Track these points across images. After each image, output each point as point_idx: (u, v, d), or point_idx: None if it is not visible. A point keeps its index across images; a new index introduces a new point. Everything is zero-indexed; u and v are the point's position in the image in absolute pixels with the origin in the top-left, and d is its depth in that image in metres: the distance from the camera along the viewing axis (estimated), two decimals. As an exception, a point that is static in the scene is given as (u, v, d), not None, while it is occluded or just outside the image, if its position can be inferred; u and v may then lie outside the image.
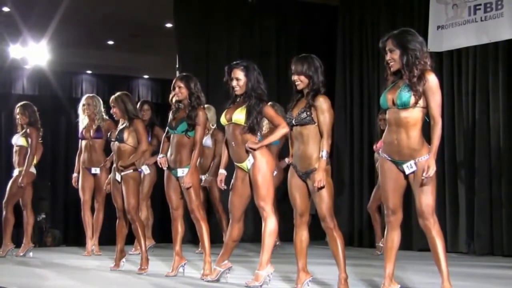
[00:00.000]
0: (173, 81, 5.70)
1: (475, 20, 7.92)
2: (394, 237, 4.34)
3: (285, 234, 8.78)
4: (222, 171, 5.21)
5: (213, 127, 7.79)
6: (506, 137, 7.77)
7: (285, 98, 9.36)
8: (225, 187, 5.26)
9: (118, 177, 6.00)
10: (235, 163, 5.11)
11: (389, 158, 4.28)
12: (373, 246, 8.34)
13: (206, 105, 6.34)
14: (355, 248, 8.86)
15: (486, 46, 7.92)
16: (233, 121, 5.05)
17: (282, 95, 9.54)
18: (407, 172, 4.23)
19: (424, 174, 4.10)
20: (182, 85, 5.61)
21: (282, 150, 7.74)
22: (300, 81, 4.66)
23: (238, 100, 5.14)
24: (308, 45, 9.21)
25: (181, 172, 5.54)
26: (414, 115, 4.18)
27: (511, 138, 7.75)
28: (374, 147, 8.23)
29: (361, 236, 9.21)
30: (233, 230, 5.12)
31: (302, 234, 4.72)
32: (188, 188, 5.53)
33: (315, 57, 4.72)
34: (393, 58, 4.25)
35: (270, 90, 5.63)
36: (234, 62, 5.18)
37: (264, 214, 4.97)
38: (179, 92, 5.61)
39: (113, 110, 6.10)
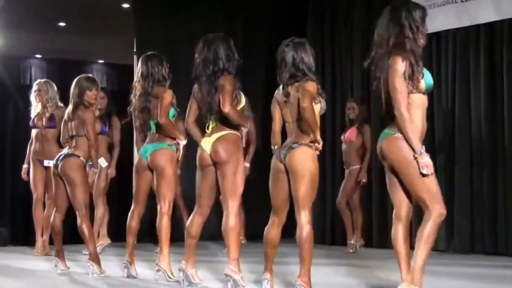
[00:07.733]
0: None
1: (455, 1, 7.81)
2: None
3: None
4: None
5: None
6: (487, 125, 7.55)
7: (251, 84, 9.13)
8: None
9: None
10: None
11: None
12: (345, 244, 8.04)
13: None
14: (327, 246, 8.64)
15: (466, 28, 7.77)
16: None
17: (247, 82, 9.20)
18: None
19: None
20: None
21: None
22: None
23: None
24: (276, 31, 8.92)
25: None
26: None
27: (493, 126, 7.52)
28: (342, 137, 8.10)
29: (333, 233, 8.97)
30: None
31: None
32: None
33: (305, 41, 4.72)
34: None
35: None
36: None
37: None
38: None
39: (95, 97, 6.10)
